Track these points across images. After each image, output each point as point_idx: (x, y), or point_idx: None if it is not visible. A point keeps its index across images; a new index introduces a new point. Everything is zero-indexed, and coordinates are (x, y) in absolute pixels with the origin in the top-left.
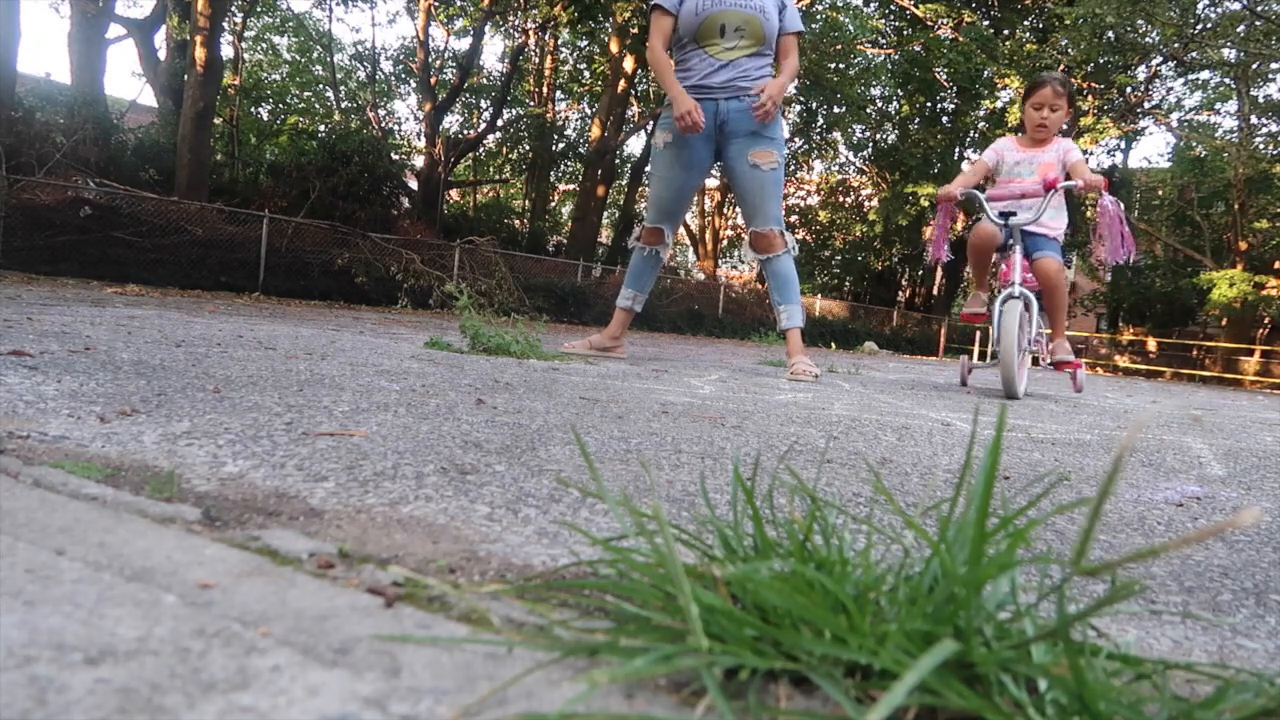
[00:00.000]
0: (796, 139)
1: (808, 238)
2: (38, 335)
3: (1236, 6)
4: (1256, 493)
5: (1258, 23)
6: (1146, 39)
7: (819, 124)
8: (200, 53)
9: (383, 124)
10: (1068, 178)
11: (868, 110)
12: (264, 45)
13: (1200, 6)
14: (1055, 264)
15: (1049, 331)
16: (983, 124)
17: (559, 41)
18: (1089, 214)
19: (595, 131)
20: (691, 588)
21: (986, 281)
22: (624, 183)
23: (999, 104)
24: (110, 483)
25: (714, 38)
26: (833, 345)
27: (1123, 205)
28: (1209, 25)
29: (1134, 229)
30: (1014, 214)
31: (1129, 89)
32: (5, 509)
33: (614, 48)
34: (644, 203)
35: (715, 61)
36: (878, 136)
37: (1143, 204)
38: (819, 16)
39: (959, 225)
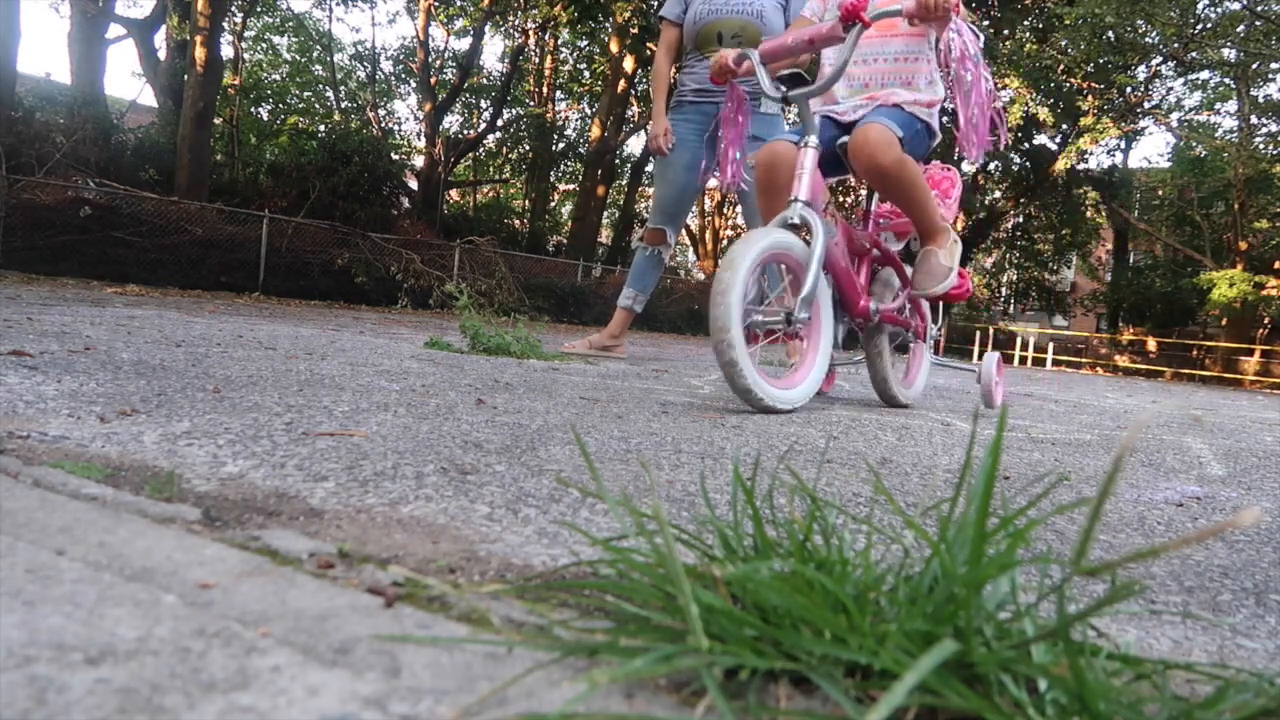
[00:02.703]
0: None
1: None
2: (38, 335)
3: (1236, 6)
4: (1256, 493)
5: (1258, 23)
6: (1146, 39)
7: None
8: (200, 52)
9: (383, 124)
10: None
11: None
12: (264, 45)
13: (1200, 6)
14: (875, 130)
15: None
16: None
17: (559, 41)
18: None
19: (595, 131)
20: (691, 588)
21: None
22: (624, 183)
23: (998, 104)
24: (110, 483)
25: (713, 45)
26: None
27: (982, 41)
28: (1209, 25)
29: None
30: (802, 79)
31: (1129, 89)
32: (5, 509)
33: (614, 48)
34: (644, 203)
35: None
36: None
37: (1143, 204)
38: None
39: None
